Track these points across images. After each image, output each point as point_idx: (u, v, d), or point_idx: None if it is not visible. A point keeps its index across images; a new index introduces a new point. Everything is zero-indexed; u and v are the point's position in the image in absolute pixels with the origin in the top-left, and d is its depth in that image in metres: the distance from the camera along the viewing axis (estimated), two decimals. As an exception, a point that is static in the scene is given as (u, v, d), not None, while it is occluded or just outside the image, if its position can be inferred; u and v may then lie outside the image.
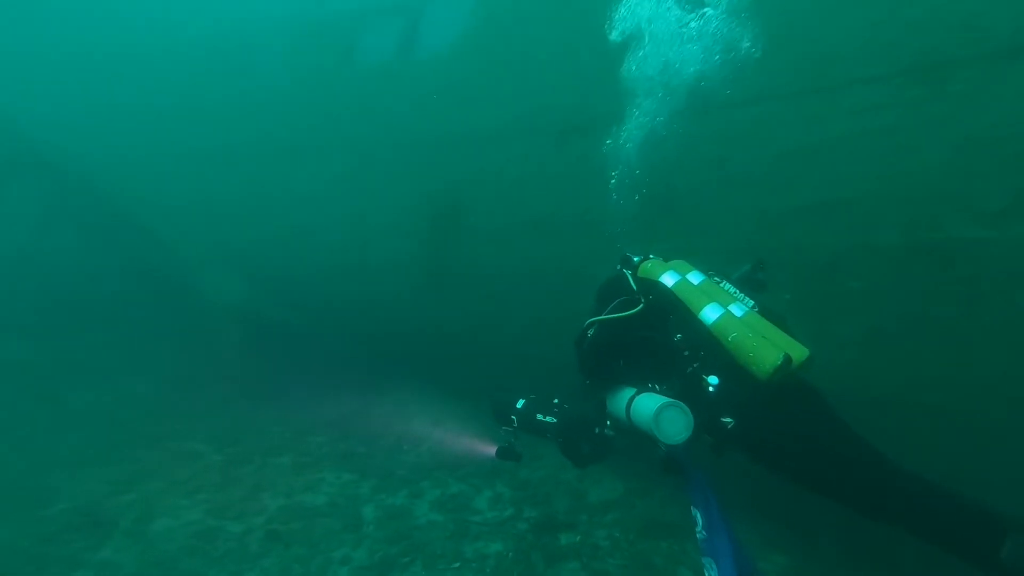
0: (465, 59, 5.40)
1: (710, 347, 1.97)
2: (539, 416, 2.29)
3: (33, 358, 8.02)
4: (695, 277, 2.24)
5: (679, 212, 3.64)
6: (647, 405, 1.94)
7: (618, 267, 2.58)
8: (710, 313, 1.99)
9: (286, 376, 6.27)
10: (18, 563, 3.48)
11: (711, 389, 1.89)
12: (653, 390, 2.09)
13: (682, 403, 1.85)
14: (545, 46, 4.79)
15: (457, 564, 3.57)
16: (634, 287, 2.35)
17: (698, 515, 2.05)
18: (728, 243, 3.31)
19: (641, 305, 2.20)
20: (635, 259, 2.53)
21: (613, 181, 3.65)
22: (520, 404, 2.36)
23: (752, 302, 2.11)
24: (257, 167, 6.63)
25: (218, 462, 4.95)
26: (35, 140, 9.23)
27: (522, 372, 5.08)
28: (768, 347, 1.80)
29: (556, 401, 2.31)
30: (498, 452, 2.46)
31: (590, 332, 2.26)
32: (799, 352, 1.81)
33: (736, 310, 2.01)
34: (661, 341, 2.16)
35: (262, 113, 6.76)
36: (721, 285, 2.21)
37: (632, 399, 2.07)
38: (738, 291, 2.17)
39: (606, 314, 2.24)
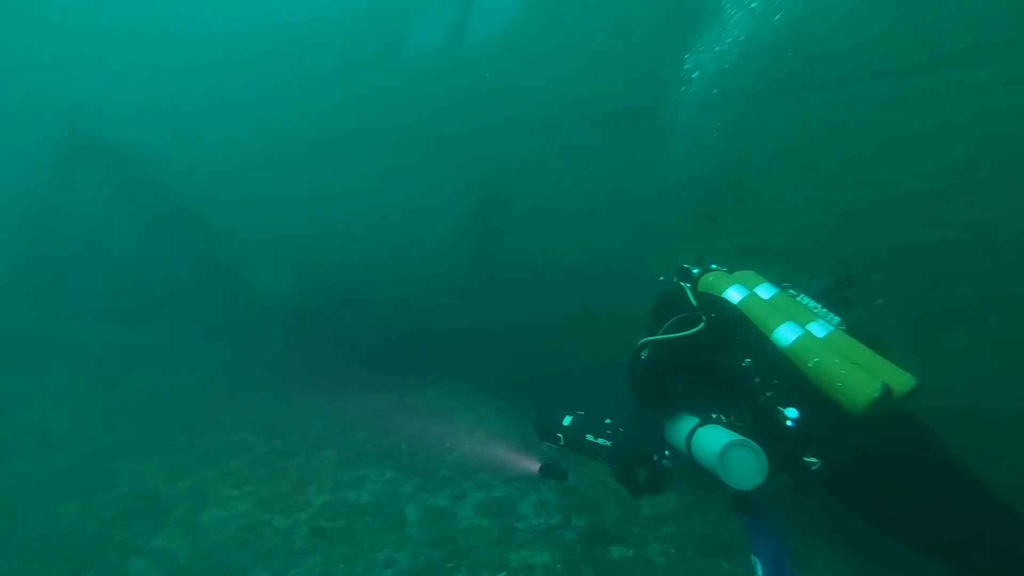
0: (512, 44, 5.24)
1: (787, 374, 1.69)
2: (589, 437, 2.08)
3: (99, 342, 8.51)
4: (766, 291, 1.96)
5: (750, 204, 3.32)
6: (711, 440, 1.72)
7: (675, 280, 2.31)
8: (786, 334, 1.71)
9: (330, 368, 6.34)
10: (82, 544, 3.63)
11: (790, 423, 1.62)
12: (718, 422, 1.84)
13: (753, 442, 1.60)
14: (596, 29, 4.55)
15: (503, 574, 3.45)
16: (694, 303, 2.10)
17: (758, 565, 1.81)
18: (808, 241, 2.97)
19: (703, 324, 1.96)
20: (694, 271, 2.26)
21: (669, 168, 3.40)
22: (567, 421, 2.17)
23: (838, 319, 1.82)
24: (302, 158, 6.72)
25: (265, 454, 5.03)
26: (105, 133, 9.74)
27: (570, 371, 4.91)
28: (861, 376, 1.52)
29: (609, 422, 2.10)
30: (542, 469, 2.29)
31: (644, 354, 2.04)
32: (902, 381, 1.53)
33: (818, 330, 1.73)
34: (727, 365, 1.89)
35: (307, 104, 6.84)
36: (798, 299, 1.91)
37: (694, 431, 1.85)
38: (820, 306, 1.87)
39: (662, 334, 2.02)
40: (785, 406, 1.65)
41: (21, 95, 14.73)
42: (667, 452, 1.98)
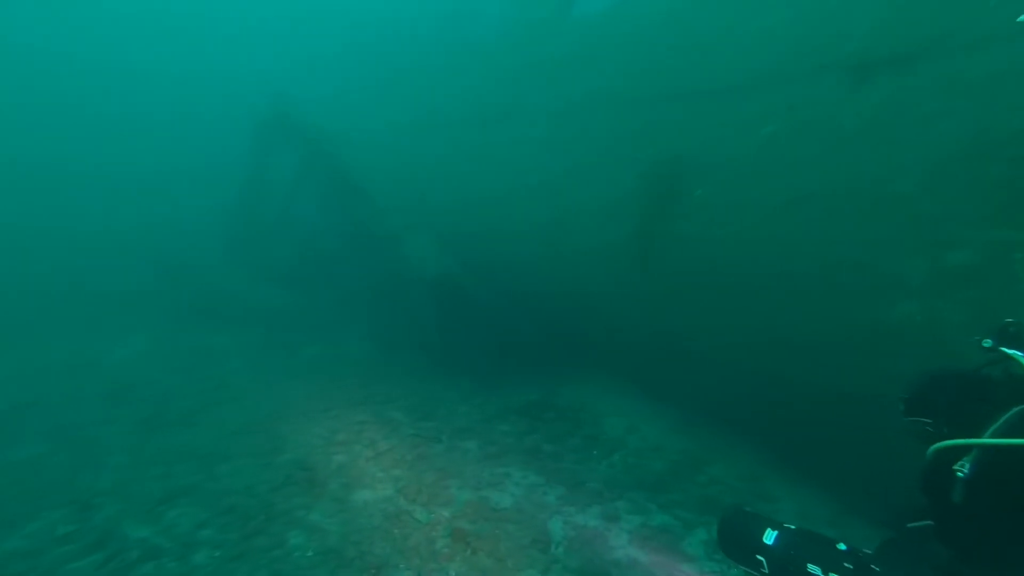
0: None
1: None
2: (815, 571, 1.39)
3: (282, 306, 9.75)
4: None
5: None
6: None
7: (989, 343, 1.45)
8: None
9: (479, 353, 6.26)
10: (255, 507, 3.96)
11: None
12: None
13: None
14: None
15: (668, 636, 2.89)
16: None
17: None
18: None
19: None
20: None
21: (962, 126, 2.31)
22: (771, 538, 1.51)
23: None
24: (459, 135, 6.63)
25: (411, 436, 5.10)
26: (292, 114, 10.93)
27: (755, 393, 4.03)
28: None
29: (843, 548, 1.39)
30: None
31: (965, 468, 1.21)
32: None
33: None
34: None
35: (470, 79, 6.69)
36: None
37: None
38: None
39: (995, 436, 1.20)
40: None
41: (232, 84, 17.52)
42: None
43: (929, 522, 1.35)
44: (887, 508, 1.60)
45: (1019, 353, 1.36)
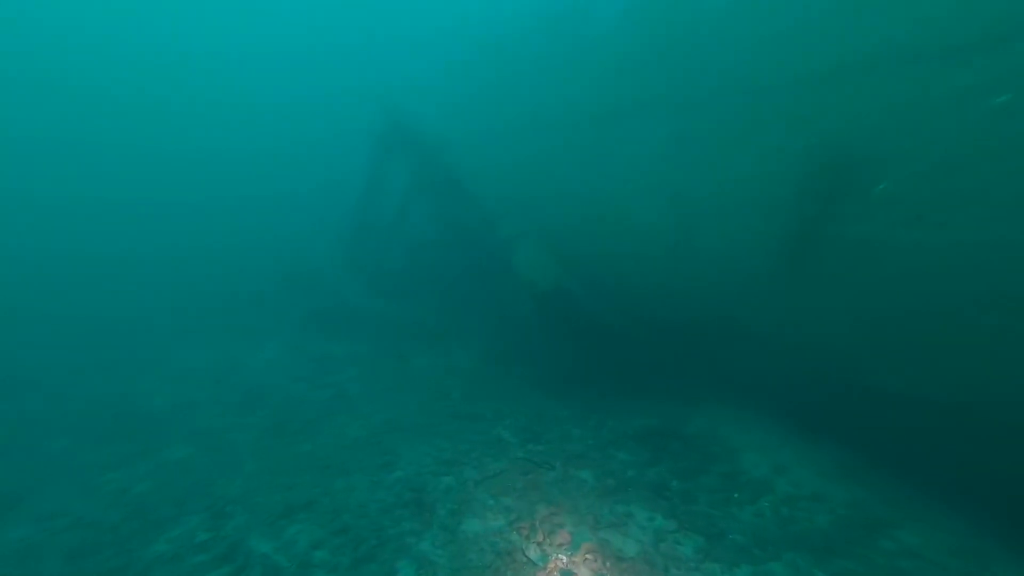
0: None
1: None
2: None
3: (393, 315, 10.16)
4: None
5: None
6: None
7: None
8: None
9: (592, 369, 5.86)
10: (366, 528, 3.96)
11: None
12: None
13: None
14: None
15: None
16: None
17: None
18: None
19: None
20: None
21: None
22: None
23: None
24: (575, 136, 6.28)
25: (521, 460, 4.84)
26: (406, 124, 11.38)
27: (971, 440, 3.15)
28: None
29: None
30: None
31: None
32: None
33: None
34: None
35: (584, 71, 6.31)
36: None
37: None
38: None
39: None
40: None
41: (353, 101, 18.90)
42: None
43: None
44: None
45: None
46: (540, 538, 3.74)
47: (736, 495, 4.08)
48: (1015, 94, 2.57)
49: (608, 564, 3.45)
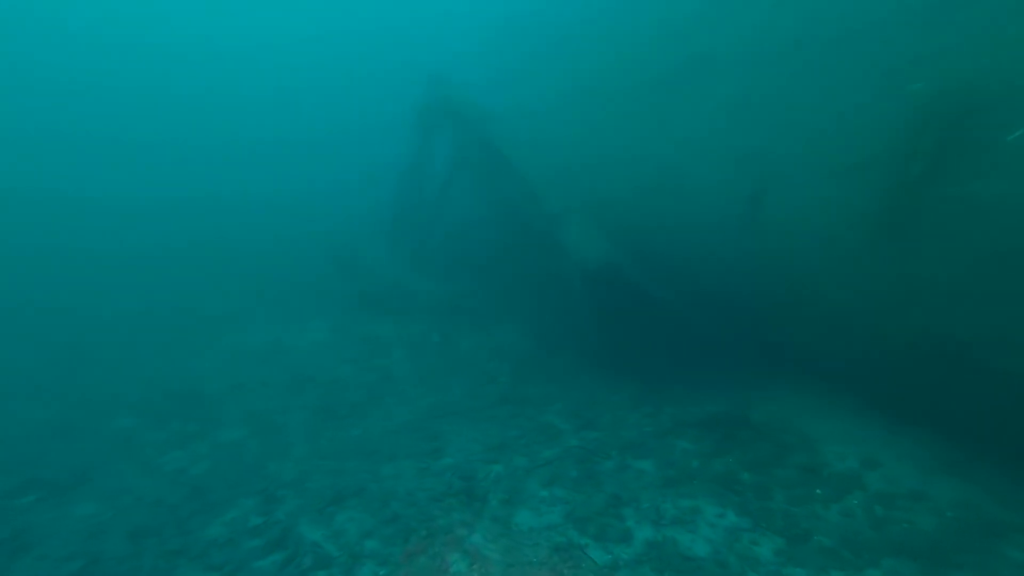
0: None
1: None
2: None
3: (438, 295, 10.06)
4: None
5: None
6: None
7: None
8: None
9: (647, 352, 5.54)
10: (416, 519, 3.84)
11: None
12: None
13: None
14: None
15: None
16: None
17: None
18: None
19: None
20: None
21: None
22: None
23: None
24: (629, 101, 5.84)
25: (575, 448, 4.61)
26: (449, 97, 11.06)
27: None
28: None
29: None
30: None
31: None
32: None
33: None
34: None
35: (640, 30, 5.85)
36: None
37: None
38: None
39: None
40: None
41: (396, 67, 18.73)
42: None
43: None
44: None
45: None
46: (599, 533, 3.51)
47: (819, 491, 3.71)
48: None
49: (675, 564, 3.20)
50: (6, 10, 23.68)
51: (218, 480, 4.52)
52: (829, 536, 3.29)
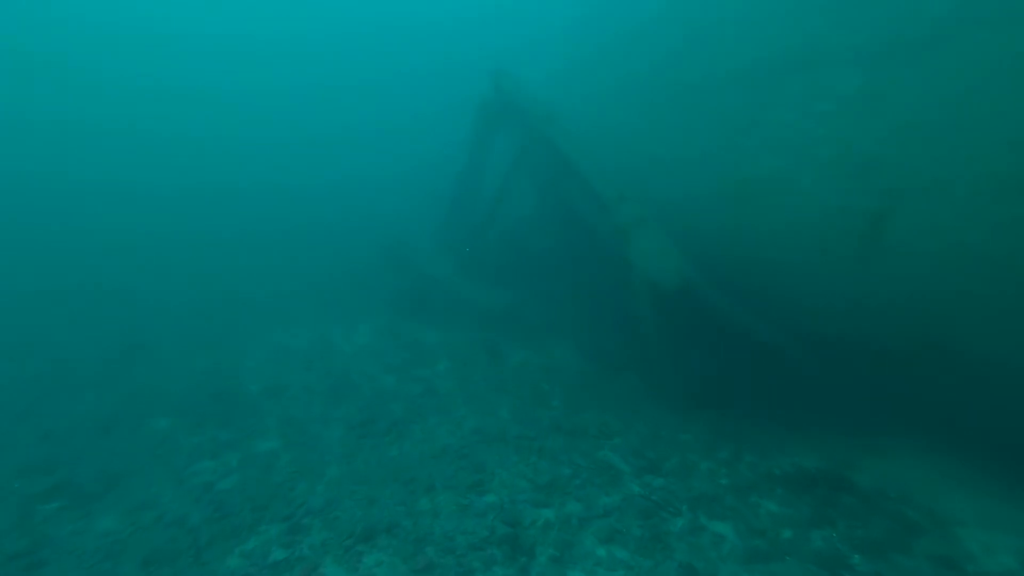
0: None
1: None
2: None
3: (488, 303, 9.64)
4: None
5: None
6: None
7: None
8: None
9: (723, 384, 4.87)
10: (451, 569, 3.41)
11: None
12: None
13: None
14: None
15: None
16: None
17: None
18: None
19: None
20: None
21: None
22: None
23: None
24: (709, 97, 5.18)
25: (638, 497, 4.03)
26: (511, 94, 10.62)
27: None
28: None
29: None
30: None
31: None
32: None
33: None
34: None
35: (731, 21, 5.18)
36: None
37: None
38: None
39: None
40: None
41: (462, 66, 18.56)
42: None
43: None
44: None
45: None
46: (669, 617, 2.94)
47: (954, 590, 2.96)
48: None
49: (770, 678, 2.57)
50: (62, 6, 25.31)
51: (244, 499, 4.26)
52: (978, 661, 2.56)
